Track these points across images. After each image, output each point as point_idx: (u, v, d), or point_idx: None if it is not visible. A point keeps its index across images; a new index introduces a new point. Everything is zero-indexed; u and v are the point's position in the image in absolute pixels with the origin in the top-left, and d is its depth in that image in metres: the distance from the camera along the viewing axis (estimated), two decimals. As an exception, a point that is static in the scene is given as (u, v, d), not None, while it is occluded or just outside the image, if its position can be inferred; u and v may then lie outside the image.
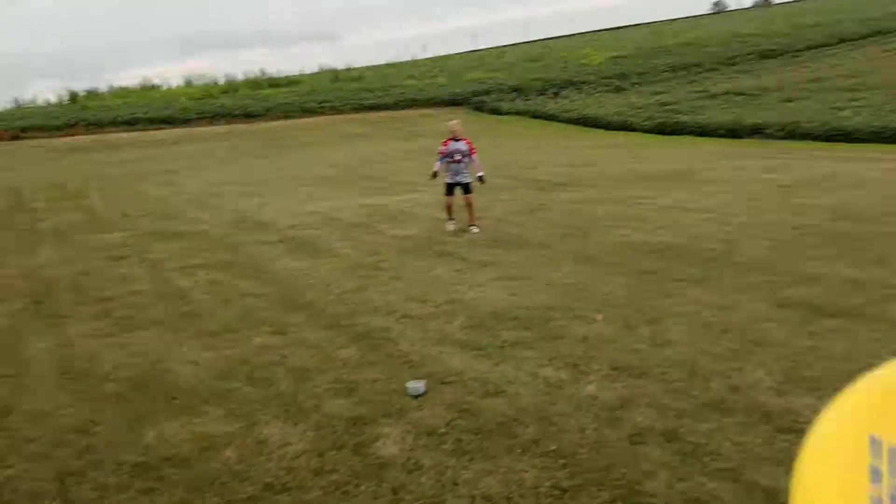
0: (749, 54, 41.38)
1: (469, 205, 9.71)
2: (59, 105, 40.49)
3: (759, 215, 9.34)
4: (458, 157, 9.67)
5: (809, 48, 42.25)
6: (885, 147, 17.43)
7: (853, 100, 24.34)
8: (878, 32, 44.67)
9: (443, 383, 4.79)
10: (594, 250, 8.21)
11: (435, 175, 10.05)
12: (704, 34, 54.73)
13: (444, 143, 9.78)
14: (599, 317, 5.88)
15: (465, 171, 9.72)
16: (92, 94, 42.50)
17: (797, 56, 40.49)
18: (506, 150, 21.44)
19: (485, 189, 13.50)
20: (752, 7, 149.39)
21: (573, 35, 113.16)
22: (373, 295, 7.18)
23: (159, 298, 7.72)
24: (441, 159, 9.78)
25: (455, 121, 10.20)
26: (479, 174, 9.81)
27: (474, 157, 9.76)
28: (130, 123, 33.67)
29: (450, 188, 9.80)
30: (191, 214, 13.39)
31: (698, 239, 8.31)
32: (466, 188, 9.71)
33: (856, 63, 34.54)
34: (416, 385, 4.58)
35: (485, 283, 7.22)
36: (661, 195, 11.41)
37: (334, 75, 47.38)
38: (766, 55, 41.12)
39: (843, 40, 43.57)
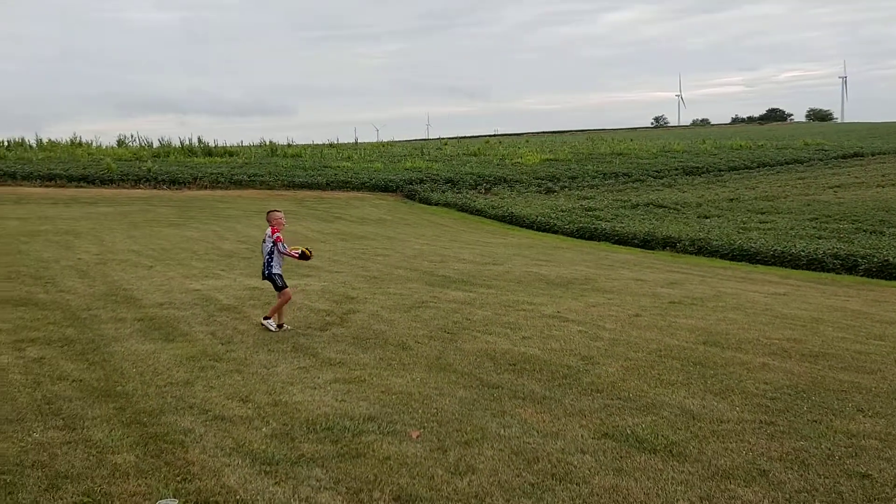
0: (675, 169, 43.15)
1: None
2: (-23, 153, 39.13)
3: (631, 332, 9.23)
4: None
5: (731, 169, 44.37)
6: (783, 271, 17.96)
7: (762, 222, 25.33)
8: (795, 161, 47.39)
9: (203, 504, 4.32)
10: (452, 357, 7.90)
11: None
12: (637, 146, 57.12)
13: (277, 230, 9.13)
14: (415, 434, 5.50)
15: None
16: (14, 145, 41.32)
17: (719, 175, 42.42)
18: (422, 241, 21.38)
19: (374, 281, 13.26)
20: (691, 125, 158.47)
21: (521, 134, 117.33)
22: (198, 389, 6.66)
23: (-35, 375, 7.02)
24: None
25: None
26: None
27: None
28: (48, 178, 32.60)
29: (283, 278, 9.26)
30: (63, 281, 12.65)
31: (560, 353, 8.09)
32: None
33: (771, 187, 36.29)
34: (165, 506, 4.06)
35: (321, 385, 6.79)
36: (549, 303, 11.28)
37: (271, 150, 47.35)
38: (690, 171, 42.93)
39: (762, 165, 46.01)
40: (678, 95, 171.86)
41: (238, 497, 4.40)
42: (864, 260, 17.81)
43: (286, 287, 9.17)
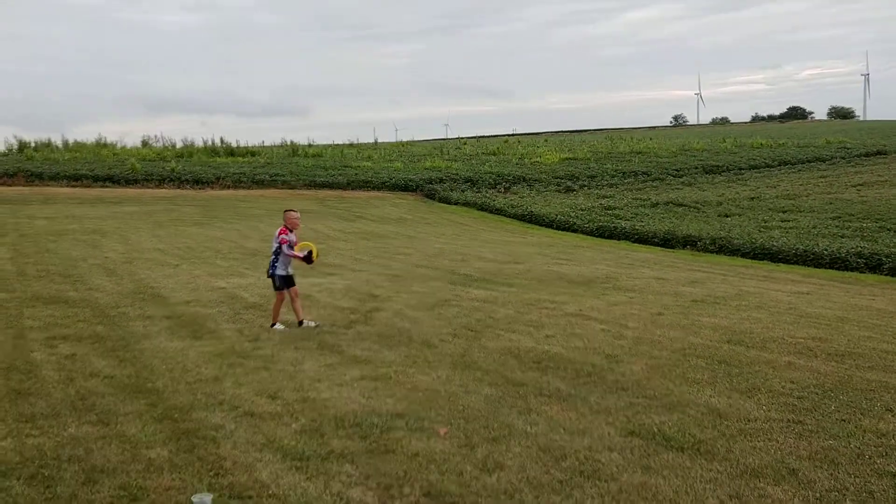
0: (695, 168, 42.84)
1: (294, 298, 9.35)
2: (4, 154, 39.81)
3: (654, 330, 9.22)
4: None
5: (752, 167, 43.98)
6: (805, 269, 17.80)
7: (784, 220, 25.12)
8: (817, 159, 46.86)
9: (237, 498, 4.38)
10: (476, 355, 7.94)
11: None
12: (657, 145, 56.75)
13: (284, 232, 9.20)
14: (443, 431, 5.55)
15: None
16: (41, 146, 41.95)
17: (740, 174, 42.07)
18: (442, 240, 21.44)
19: (397, 279, 13.33)
20: (711, 124, 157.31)
21: (540, 133, 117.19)
22: (227, 386, 6.76)
23: (0, 371, 7.17)
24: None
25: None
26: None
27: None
28: (74, 179, 33.07)
29: (283, 280, 9.27)
30: (92, 279, 12.85)
31: (583, 351, 8.11)
32: (293, 281, 9.35)
33: (792, 185, 35.94)
34: (201, 500, 4.16)
35: (348, 382, 6.87)
36: (571, 301, 11.29)
37: (292, 150, 47.67)
38: (711, 170, 42.61)
39: (783, 163, 45.55)
40: (697, 94, 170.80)
41: (271, 492, 4.48)
42: (888, 259, 17.60)
43: (283, 289, 9.23)
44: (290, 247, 9.19)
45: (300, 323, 9.28)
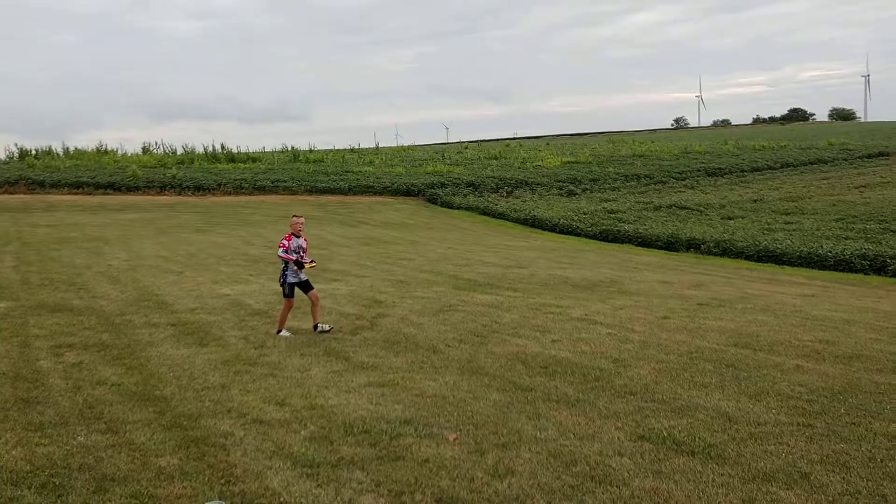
0: (697, 170, 42.85)
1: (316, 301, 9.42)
2: (6, 162, 39.92)
3: (660, 334, 9.20)
4: (301, 253, 9.28)
5: (754, 169, 44.00)
6: (809, 272, 17.79)
7: (788, 223, 25.11)
8: (819, 161, 46.89)
9: (248, 506, 4.37)
10: (483, 360, 7.93)
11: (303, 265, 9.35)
12: (658, 148, 56.78)
13: (288, 238, 9.23)
14: (452, 437, 5.54)
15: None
16: (42, 154, 42.08)
17: (742, 176, 42.08)
18: (445, 245, 21.43)
19: (401, 285, 13.33)
20: (712, 126, 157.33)
21: (541, 137, 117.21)
22: (234, 393, 6.75)
23: (8, 380, 7.17)
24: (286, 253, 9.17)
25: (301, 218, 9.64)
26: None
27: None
28: (75, 186, 33.15)
29: (293, 288, 9.27)
30: (95, 287, 12.86)
31: (590, 355, 8.09)
32: (309, 285, 9.40)
33: (795, 188, 35.94)
34: (213, 508, 4.15)
35: (355, 389, 6.86)
36: (576, 305, 11.28)
37: (293, 155, 47.75)
38: (713, 173, 42.62)
39: (785, 165, 45.57)
40: (698, 96, 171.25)
41: (282, 499, 4.47)
42: (893, 260, 17.59)
43: (292, 297, 9.27)
44: (296, 251, 9.22)
45: (315, 327, 9.32)
